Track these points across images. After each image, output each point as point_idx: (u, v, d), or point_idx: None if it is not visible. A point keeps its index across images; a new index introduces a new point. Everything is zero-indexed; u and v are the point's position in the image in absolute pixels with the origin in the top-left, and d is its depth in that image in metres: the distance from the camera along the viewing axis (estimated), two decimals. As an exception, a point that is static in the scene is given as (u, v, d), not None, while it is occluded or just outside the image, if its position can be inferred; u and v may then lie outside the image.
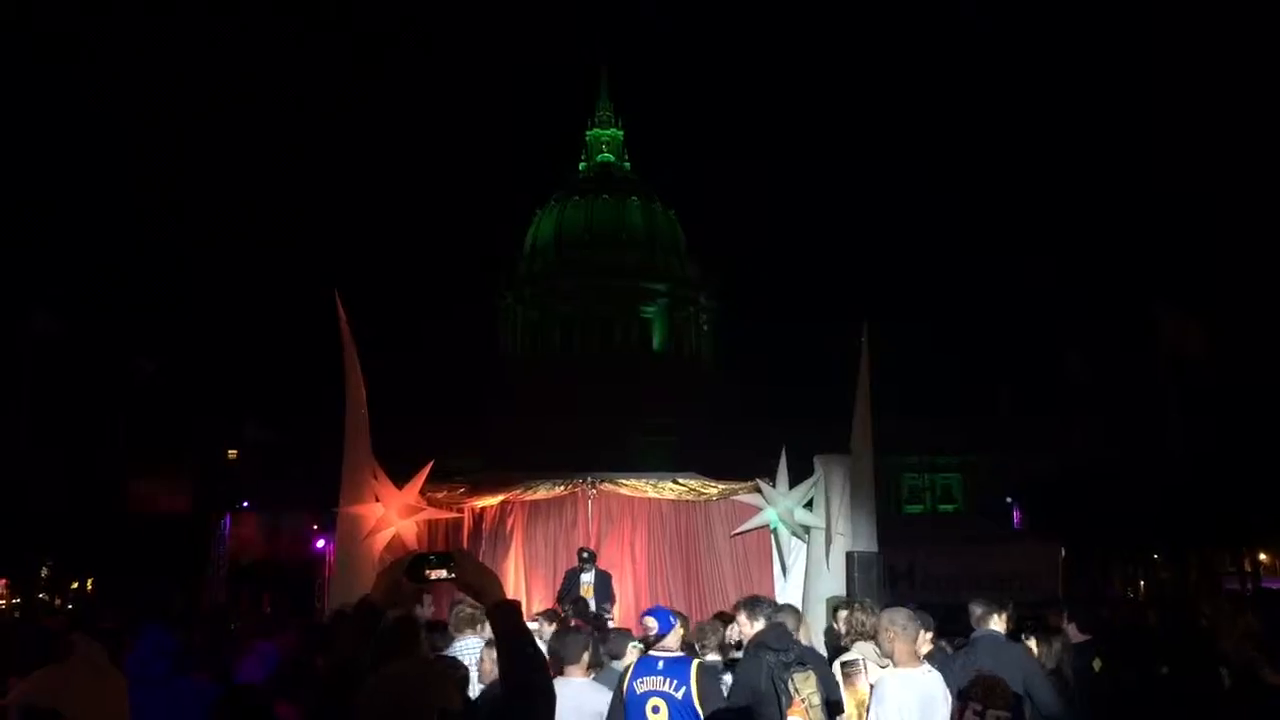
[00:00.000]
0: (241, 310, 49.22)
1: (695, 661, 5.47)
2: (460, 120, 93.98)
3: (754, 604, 6.23)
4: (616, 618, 10.99)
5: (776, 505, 12.77)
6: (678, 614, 6.39)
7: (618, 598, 11.96)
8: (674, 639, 5.58)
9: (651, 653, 5.54)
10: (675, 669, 5.31)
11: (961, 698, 4.72)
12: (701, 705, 5.19)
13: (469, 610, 6.71)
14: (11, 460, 25.86)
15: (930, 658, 5.85)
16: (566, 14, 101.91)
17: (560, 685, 5.62)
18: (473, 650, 6.14)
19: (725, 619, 7.57)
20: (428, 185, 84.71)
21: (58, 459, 27.92)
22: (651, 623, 5.65)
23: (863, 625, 6.25)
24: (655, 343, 63.25)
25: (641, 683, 5.30)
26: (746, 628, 6.16)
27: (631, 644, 6.30)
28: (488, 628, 7.03)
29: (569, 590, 11.33)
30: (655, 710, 5.22)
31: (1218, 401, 31.70)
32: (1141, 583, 36.64)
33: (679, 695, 5.22)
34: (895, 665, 5.47)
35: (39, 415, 28.61)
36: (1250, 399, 31.10)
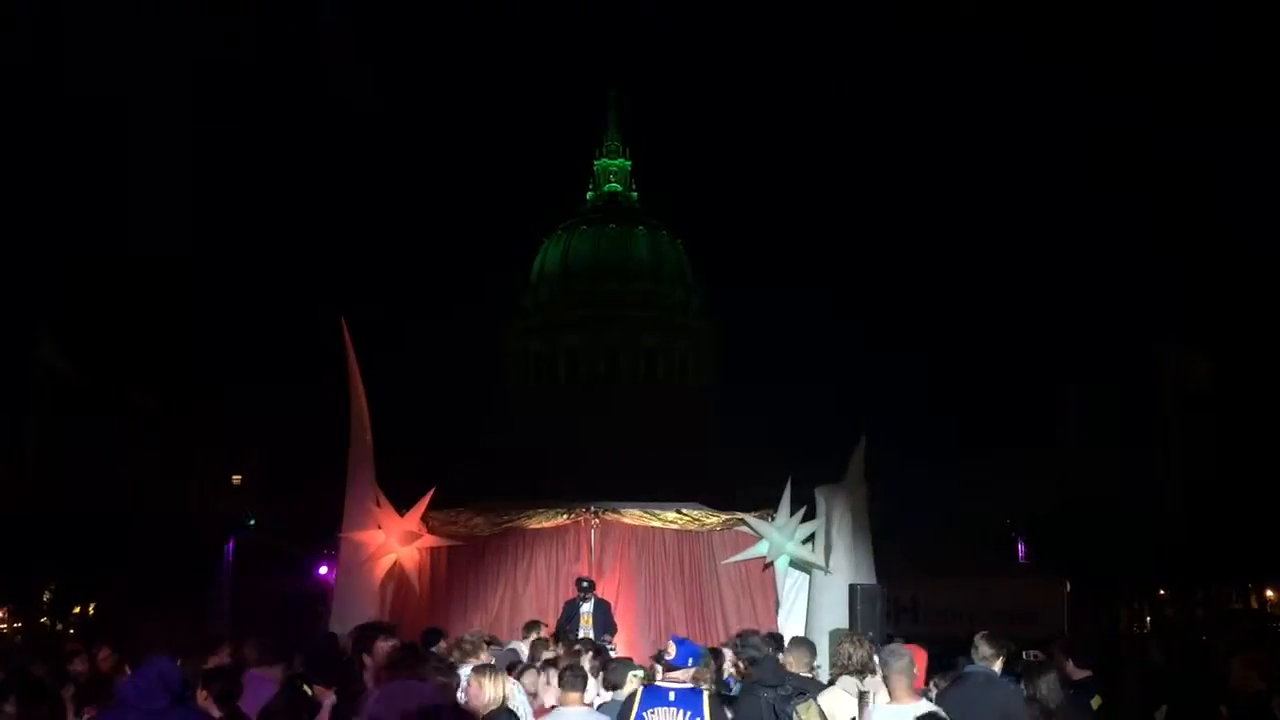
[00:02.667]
0: (247, 335, 49.37)
1: (706, 692, 5.49)
2: (467, 149, 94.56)
3: (741, 646, 6.25)
4: (618, 648, 10.96)
5: (771, 538, 12.74)
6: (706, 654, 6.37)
7: (618, 627, 11.94)
8: (686, 674, 5.60)
9: (660, 684, 5.55)
10: (688, 700, 5.35)
11: None
12: None
13: (469, 642, 6.78)
14: (16, 485, 25.92)
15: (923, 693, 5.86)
16: (575, 43, 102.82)
17: (558, 716, 5.73)
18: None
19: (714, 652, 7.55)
20: (434, 213, 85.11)
21: (61, 485, 27.95)
22: (672, 648, 5.69)
23: (849, 658, 6.17)
24: (660, 372, 63.23)
25: (652, 713, 5.33)
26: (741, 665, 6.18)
27: (632, 673, 6.30)
28: (484, 656, 7.07)
29: (568, 620, 11.32)
30: None
31: (1222, 436, 31.62)
32: (1148, 619, 36.35)
33: None
34: (891, 700, 5.47)
35: (44, 442, 28.69)
36: (1255, 434, 31.02)
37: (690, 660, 5.62)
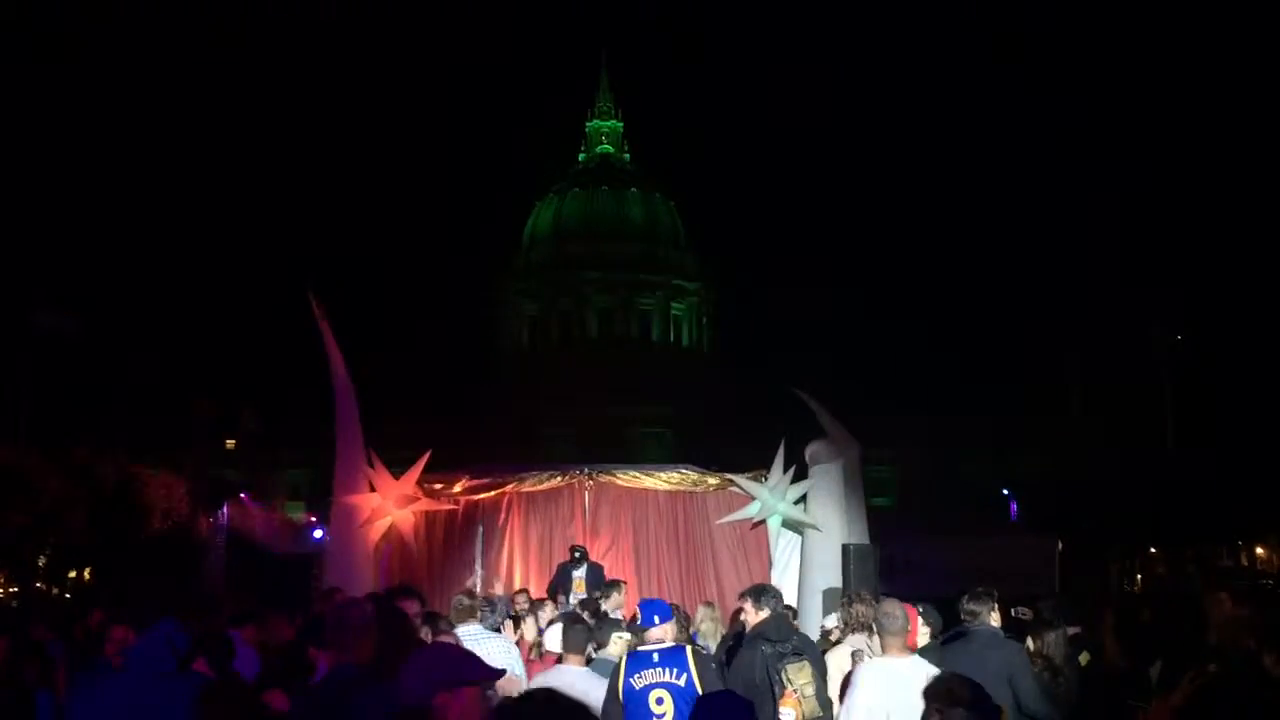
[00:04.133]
0: (239, 298, 49.20)
1: (689, 648, 5.50)
2: (459, 111, 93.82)
3: (760, 593, 6.25)
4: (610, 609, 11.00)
5: (762, 498, 12.76)
6: (676, 609, 6.41)
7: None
8: (662, 632, 5.60)
9: (643, 647, 5.53)
10: (672, 658, 5.33)
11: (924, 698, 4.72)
12: (702, 687, 5.19)
13: (467, 601, 6.78)
14: (10, 451, 25.88)
15: (924, 651, 5.86)
16: (567, 4, 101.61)
17: (555, 674, 5.75)
18: (473, 638, 6.19)
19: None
20: (426, 176, 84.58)
21: (59, 450, 27.90)
22: (637, 613, 5.71)
23: (863, 617, 6.26)
24: (654, 334, 63.21)
25: (640, 677, 5.30)
26: (752, 616, 6.19)
27: (616, 634, 6.30)
28: (487, 616, 7.09)
29: (561, 584, 11.36)
30: (659, 702, 5.22)
31: (1215, 395, 31.71)
32: (1139, 577, 36.67)
33: (681, 683, 5.23)
34: (883, 654, 5.49)
35: (39, 407, 28.62)
36: (1248, 392, 31.12)
37: (657, 618, 5.61)
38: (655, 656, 5.35)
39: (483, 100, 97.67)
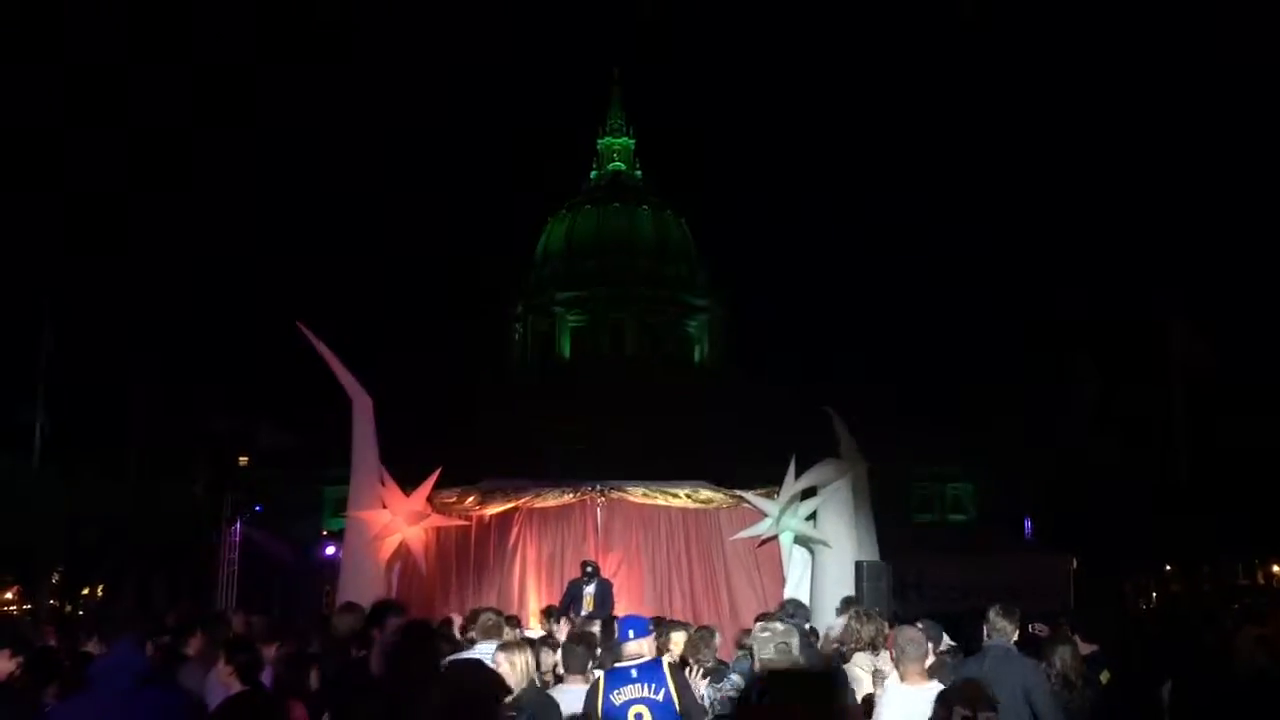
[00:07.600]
0: (254, 315, 49.46)
1: (665, 660, 5.51)
2: (471, 128, 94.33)
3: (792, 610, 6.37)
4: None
5: (773, 515, 12.74)
6: (675, 623, 6.40)
7: (627, 605, 11.94)
8: (642, 646, 5.55)
9: (620, 664, 5.49)
10: (649, 673, 5.32)
11: (945, 703, 4.70)
12: (679, 701, 5.22)
13: (493, 619, 6.78)
14: (24, 466, 26.01)
15: (937, 669, 5.86)
16: (578, 21, 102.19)
17: (555, 694, 5.76)
18: (488, 656, 6.18)
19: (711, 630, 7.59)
20: (438, 192, 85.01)
21: (69, 466, 28.02)
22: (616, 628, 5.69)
23: (858, 634, 6.25)
24: (666, 351, 63.21)
25: (619, 694, 5.29)
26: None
27: None
28: (506, 633, 7.08)
29: (572, 601, 11.35)
30: (639, 717, 5.22)
31: (1229, 410, 31.46)
32: (1154, 594, 36.35)
33: (659, 697, 5.23)
34: (901, 681, 5.49)
35: (52, 422, 28.73)
36: (1262, 408, 30.90)
37: (631, 633, 5.57)
38: (634, 672, 5.33)
39: (494, 117, 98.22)
